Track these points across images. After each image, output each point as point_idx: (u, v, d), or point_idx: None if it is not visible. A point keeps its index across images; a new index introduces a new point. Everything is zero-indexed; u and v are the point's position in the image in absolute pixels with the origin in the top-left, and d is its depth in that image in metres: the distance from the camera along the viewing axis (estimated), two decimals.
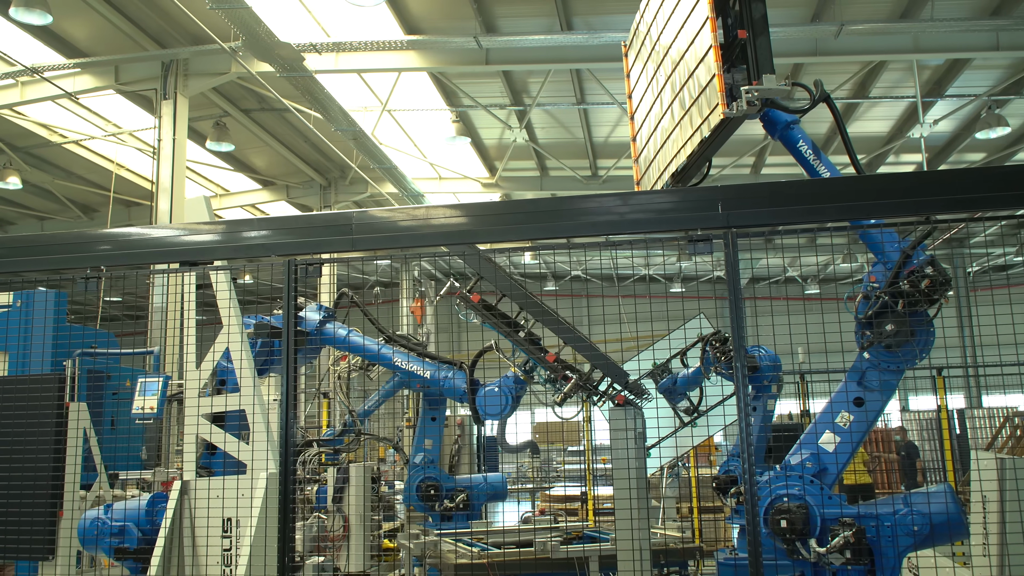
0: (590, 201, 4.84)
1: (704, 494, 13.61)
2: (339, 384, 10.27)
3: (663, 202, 4.78)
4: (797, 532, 5.33)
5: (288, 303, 4.92)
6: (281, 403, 4.84)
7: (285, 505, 4.69)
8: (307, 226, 5.11)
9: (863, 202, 4.66)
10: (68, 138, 18.68)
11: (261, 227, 5.06)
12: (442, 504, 9.28)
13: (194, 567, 5.12)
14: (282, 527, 4.65)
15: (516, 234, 4.79)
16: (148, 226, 5.79)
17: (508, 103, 18.02)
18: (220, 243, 5.02)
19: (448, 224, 4.86)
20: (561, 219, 4.73)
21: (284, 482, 4.70)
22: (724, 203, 4.59)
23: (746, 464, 4.42)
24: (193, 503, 5.26)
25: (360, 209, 5.75)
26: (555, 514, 10.95)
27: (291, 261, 4.94)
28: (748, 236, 4.79)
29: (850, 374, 5.93)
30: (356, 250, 4.82)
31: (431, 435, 9.76)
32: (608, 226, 4.74)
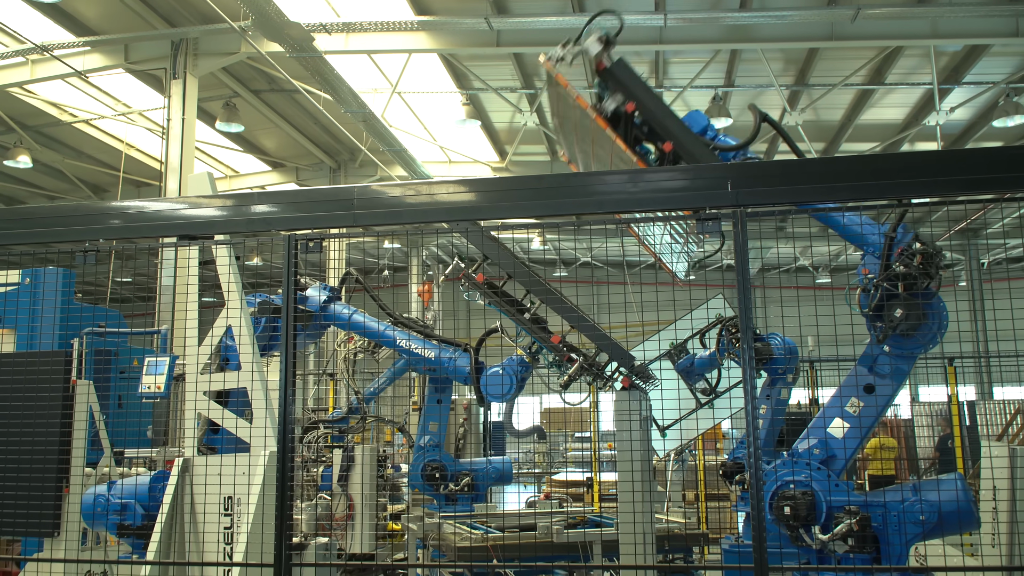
0: (597, 178, 4.75)
1: (710, 481, 13.57)
2: (345, 365, 10.25)
3: (671, 180, 4.67)
4: (801, 519, 5.27)
5: (288, 279, 4.86)
6: (280, 381, 4.79)
7: (283, 485, 4.64)
8: (308, 201, 5.03)
9: (879, 181, 4.54)
10: (78, 117, 18.66)
11: (261, 201, 4.99)
12: (447, 487, 9.27)
13: (195, 545, 5.09)
14: (280, 507, 4.60)
15: (521, 211, 4.70)
16: (146, 199, 5.73)
17: (519, 86, 17.90)
18: (218, 217, 4.96)
19: (452, 200, 4.78)
20: (567, 196, 4.64)
21: (282, 461, 4.66)
22: (734, 181, 4.49)
23: (751, 448, 4.35)
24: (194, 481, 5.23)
25: (362, 184, 5.67)
26: (560, 499, 10.91)
27: (291, 236, 4.87)
28: (759, 218, 4.68)
29: (861, 360, 5.85)
30: (358, 226, 4.74)
31: (437, 418, 9.74)
32: (615, 204, 4.65)
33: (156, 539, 5.08)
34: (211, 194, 5.25)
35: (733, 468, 8.07)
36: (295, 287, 4.87)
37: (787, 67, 17.11)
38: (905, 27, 14.18)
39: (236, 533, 4.98)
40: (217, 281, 5.38)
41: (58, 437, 8.48)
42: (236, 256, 5.32)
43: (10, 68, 15.97)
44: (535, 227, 5.30)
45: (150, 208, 5.16)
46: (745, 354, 4.32)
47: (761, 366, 7.15)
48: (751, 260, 28.83)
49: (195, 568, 5.09)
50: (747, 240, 4.39)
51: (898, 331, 5.38)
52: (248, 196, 5.13)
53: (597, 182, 4.79)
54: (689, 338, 6.94)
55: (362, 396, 10.36)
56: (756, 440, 4.31)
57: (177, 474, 5.19)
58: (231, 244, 5.26)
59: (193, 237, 5.07)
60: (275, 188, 23.56)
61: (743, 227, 4.46)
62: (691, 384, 7.12)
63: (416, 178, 19.81)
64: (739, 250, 4.42)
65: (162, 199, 7.02)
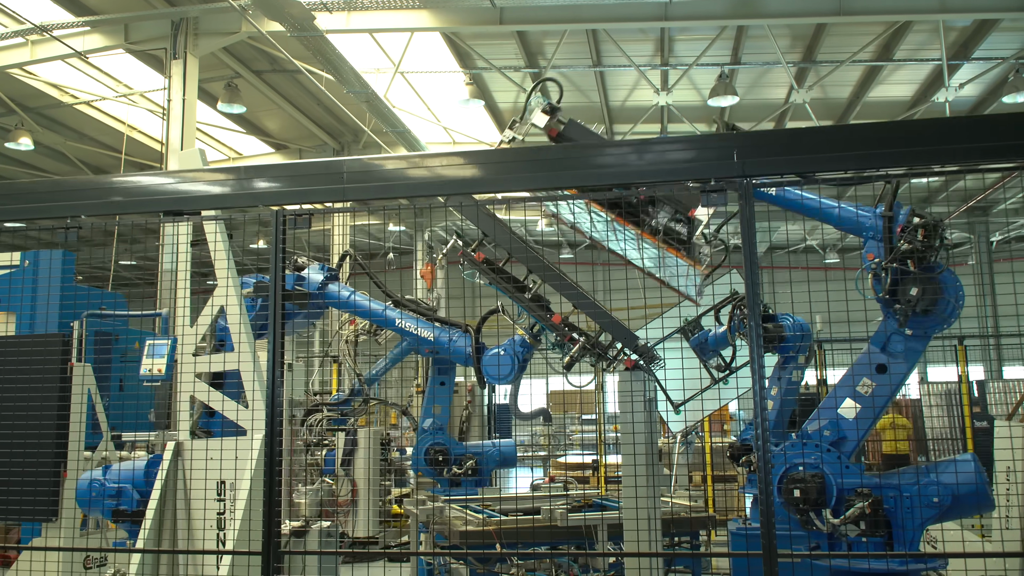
0: (599, 149, 4.58)
1: (717, 463, 13.45)
2: (347, 348, 10.13)
3: (675, 151, 4.50)
4: (811, 502, 5.13)
5: (276, 255, 4.70)
6: (268, 362, 4.65)
7: (271, 469, 4.51)
8: (297, 174, 4.86)
9: (890, 149, 4.35)
10: (79, 99, 18.51)
11: (249, 175, 4.83)
12: (450, 470, 9.16)
13: (188, 531, 4.98)
14: (268, 492, 4.48)
15: (520, 183, 4.54)
16: (130, 174, 5.56)
17: (523, 65, 17.66)
18: (204, 192, 4.81)
19: (448, 174, 4.61)
20: (568, 168, 4.48)
21: (270, 445, 4.53)
22: (740, 151, 4.31)
23: (759, 430, 4.20)
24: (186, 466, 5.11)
25: (353, 157, 5.50)
26: (566, 482, 10.81)
27: (280, 211, 4.71)
28: (765, 193, 4.49)
29: (874, 340, 5.71)
30: (348, 200, 4.59)
31: (440, 400, 9.63)
32: (617, 175, 4.48)
33: (147, 526, 4.96)
34: (196, 168, 5.09)
35: (740, 449, 7.94)
36: (284, 264, 4.72)
37: (794, 43, 16.84)
38: (914, 1, 13.92)
39: (229, 519, 4.86)
40: (209, 260, 5.24)
41: (55, 421, 8.41)
42: (229, 234, 5.17)
43: (10, 49, 15.80)
44: (535, 200, 5.07)
45: (134, 183, 5.00)
46: (752, 331, 4.17)
47: (772, 346, 7.02)
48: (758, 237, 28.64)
49: (187, 554, 4.98)
50: (754, 213, 4.22)
51: (917, 310, 5.25)
52: (235, 170, 4.96)
53: (599, 154, 4.62)
54: (702, 315, 6.78)
55: (363, 379, 10.25)
56: (764, 422, 4.16)
57: (169, 458, 5.06)
58: (218, 220, 5.09)
59: (179, 213, 4.92)
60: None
61: (750, 199, 4.28)
62: (705, 360, 6.97)
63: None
64: (745, 223, 4.25)
65: (146, 173, 6.85)
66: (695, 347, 6.98)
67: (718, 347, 6.95)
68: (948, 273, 5.43)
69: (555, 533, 7.02)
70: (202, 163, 5.39)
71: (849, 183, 4.83)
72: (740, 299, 6.92)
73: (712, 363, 6.96)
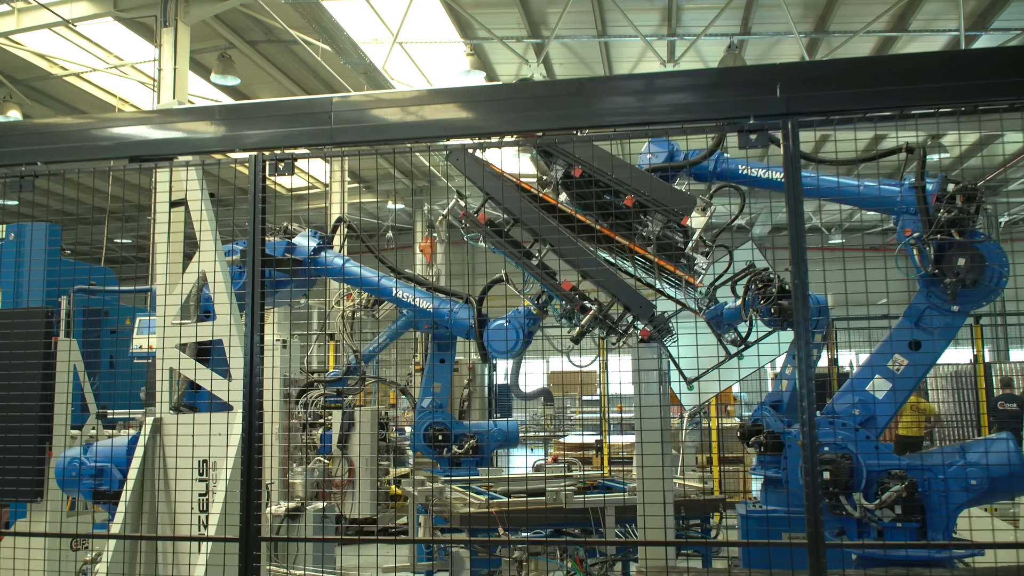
0: (618, 83, 4.14)
1: (724, 444, 13.13)
2: (343, 323, 9.76)
3: (707, 84, 4.05)
4: (842, 485, 4.76)
5: (254, 206, 4.29)
6: (246, 330, 4.26)
7: (249, 450, 4.12)
8: (278, 115, 4.43)
9: (964, 82, 3.87)
10: (69, 70, 18.03)
11: (223, 116, 4.40)
12: (450, 450, 8.83)
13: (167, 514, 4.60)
14: (247, 474, 4.08)
15: (527, 123, 4.12)
16: (91, 116, 5.12)
17: (525, 35, 17.18)
18: (174, 136, 4.37)
19: (450, 112, 4.17)
20: (582, 105, 4.05)
21: (248, 422, 4.14)
22: (783, 85, 3.86)
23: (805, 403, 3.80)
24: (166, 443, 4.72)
25: (340, 95, 5.05)
26: (569, 462, 10.47)
27: (258, 157, 4.29)
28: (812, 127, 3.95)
29: (907, 315, 5.34)
30: (335, 144, 4.17)
31: (440, 378, 9.28)
32: (640, 112, 4.04)
33: (123, 508, 4.58)
34: (164, 109, 4.67)
35: (751, 430, 7.61)
36: (263, 216, 4.30)
37: (806, 13, 16.34)
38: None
39: (212, 500, 4.48)
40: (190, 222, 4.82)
41: (39, 398, 8.08)
42: (211, 193, 4.76)
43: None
44: (543, 145, 4.56)
45: (95, 126, 4.57)
46: (797, 290, 3.74)
47: (789, 324, 6.70)
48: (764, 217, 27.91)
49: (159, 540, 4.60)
50: (799, 158, 3.78)
51: (966, 283, 4.90)
52: (208, 110, 4.55)
53: (618, 88, 4.17)
54: (717, 286, 6.39)
55: (360, 356, 9.88)
56: (810, 393, 3.75)
57: (148, 435, 4.67)
58: (188, 167, 4.62)
59: (146, 159, 4.49)
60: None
61: (795, 140, 3.84)
62: (720, 335, 6.58)
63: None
64: (790, 168, 3.81)
65: (109, 116, 6.40)
66: (710, 321, 6.61)
67: (733, 321, 6.58)
68: (990, 242, 5.08)
69: (562, 515, 6.69)
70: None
71: (904, 118, 4.27)
72: (756, 272, 6.53)
73: (727, 338, 6.58)
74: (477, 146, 4.45)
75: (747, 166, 5.70)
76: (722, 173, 5.58)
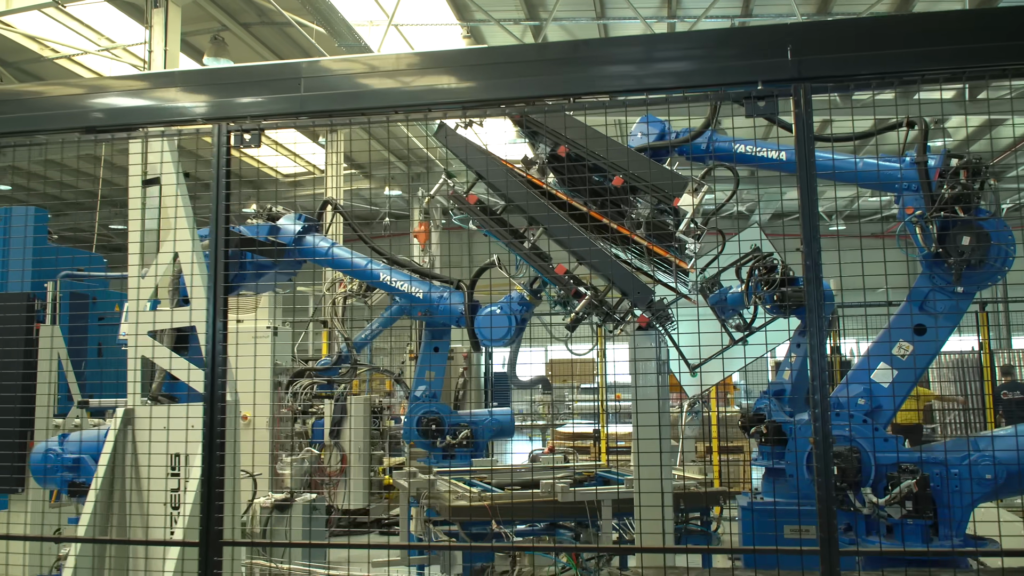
0: (613, 46, 3.84)
1: (723, 433, 12.92)
2: (334, 310, 9.54)
3: (710, 47, 3.77)
4: (849, 480, 4.53)
5: (218, 181, 4.02)
6: (207, 313, 4.01)
7: (211, 445, 3.87)
8: (244, 82, 4.15)
9: (993, 43, 3.57)
10: (59, 52, 17.72)
11: (185, 83, 4.12)
12: (444, 440, 8.61)
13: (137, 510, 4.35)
14: (207, 473, 3.84)
15: (516, 89, 3.83)
16: (38, 84, 4.84)
17: (523, 18, 16.88)
18: (131, 105, 4.10)
19: (427, 80, 3.89)
20: (577, 70, 3.76)
21: (210, 413, 3.89)
22: (795, 47, 3.57)
23: (818, 396, 3.55)
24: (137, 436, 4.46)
25: (311, 59, 4.76)
26: (565, 453, 10.24)
27: (222, 127, 4.01)
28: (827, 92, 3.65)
29: (911, 298, 5.10)
30: (306, 113, 3.91)
31: (434, 367, 9.05)
32: (635, 79, 3.76)
33: (89, 509, 4.33)
34: (120, 76, 4.38)
35: (753, 420, 7.39)
36: (228, 191, 4.03)
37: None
38: None
39: (184, 497, 4.24)
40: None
41: (20, 387, 7.89)
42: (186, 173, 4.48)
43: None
44: (534, 112, 4.22)
45: (44, 94, 4.29)
46: (810, 271, 3.48)
47: (792, 311, 6.46)
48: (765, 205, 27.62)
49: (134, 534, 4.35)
50: (812, 126, 3.51)
51: (972, 262, 4.65)
52: (168, 76, 4.27)
53: (615, 53, 3.87)
54: (721, 271, 6.16)
55: (352, 343, 9.66)
56: (823, 386, 3.50)
57: (117, 428, 4.42)
58: (149, 139, 4.34)
59: (102, 130, 4.21)
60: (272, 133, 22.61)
61: (807, 107, 3.56)
62: (724, 320, 6.35)
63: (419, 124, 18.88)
64: (802, 137, 3.53)
65: (59, 82, 6.08)
66: (713, 305, 6.36)
67: (738, 307, 6.33)
68: (995, 220, 4.84)
69: (556, 509, 6.46)
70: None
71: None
72: (761, 257, 6.30)
73: (732, 323, 6.34)
74: (461, 116, 4.15)
75: (743, 144, 5.45)
76: (716, 152, 5.33)
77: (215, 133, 4.00)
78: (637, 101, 3.74)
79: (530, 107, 4.07)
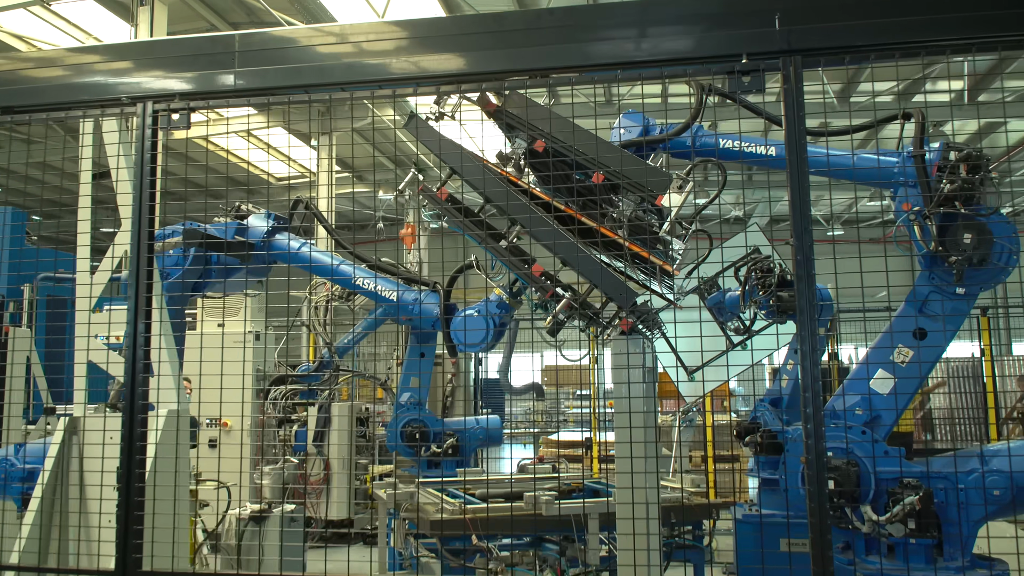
0: (578, 15, 3.50)
1: (718, 441, 12.62)
2: (315, 314, 9.25)
3: (686, 16, 3.43)
4: (848, 495, 4.23)
5: (141, 167, 3.70)
6: (128, 315, 3.70)
7: (129, 461, 3.55)
8: (169, 55, 3.81)
9: (1012, 9, 3.25)
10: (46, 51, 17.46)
11: (106, 57, 3.79)
12: (428, 449, 8.30)
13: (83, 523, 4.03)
14: (125, 494, 3.51)
15: (478, 63, 3.51)
16: None
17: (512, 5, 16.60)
18: (42, 82, 3.76)
19: (385, 54, 3.53)
20: (538, 40, 3.45)
21: (129, 426, 3.57)
22: (783, 15, 3.26)
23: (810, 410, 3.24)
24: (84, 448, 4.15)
25: (246, 31, 4.44)
26: (555, 462, 9.94)
27: (146, 106, 3.69)
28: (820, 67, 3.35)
29: (910, 299, 4.82)
30: (241, 91, 3.59)
31: (420, 373, 8.75)
32: (609, 53, 3.41)
33: (29, 520, 4.02)
34: (37, 53, 4.03)
35: (749, 429, 7.12)
36: (153, 178, 3.71)
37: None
38: None
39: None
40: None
41: None
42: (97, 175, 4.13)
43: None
44: (497, 88, 3.84)
45: None
46: (801, 266, 3.16)
47: (788, 317, 6.20)
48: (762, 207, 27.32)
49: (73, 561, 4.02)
50: (803, 104, 3.19)
51: (974, 261, 4.37)
52: (80, 50, 3.96)
53: (580, 21, 3.51)
54: (719, 273, 5.89)
55: (334, 349, 9.37)
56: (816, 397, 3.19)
57: (60, 439, 4.09)
58: (69, 119, 3.97)
59: (19, 111, 3.88)
60: (261, 132, 22.37)
61: (798, 83, 3.24)
62: (722, 322, 6.09)
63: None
64: (792, 116, 3.22)
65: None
66: (712, 308, 6.11)
67: (736, 309, 6.07)
68: (998, 215, 4.56)
69: (539, 522, 6.15)
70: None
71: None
72: (759, 260, 6.02)
73: (731, 326, 6.08)
74: (413, 93, 3.80)
75: (731, 140, 5.16)
76: (702, 148, 5.04)
77: (139, 113, 3.67)
78: (608, 77, 3.42)
79: (489, 84, 3.74)
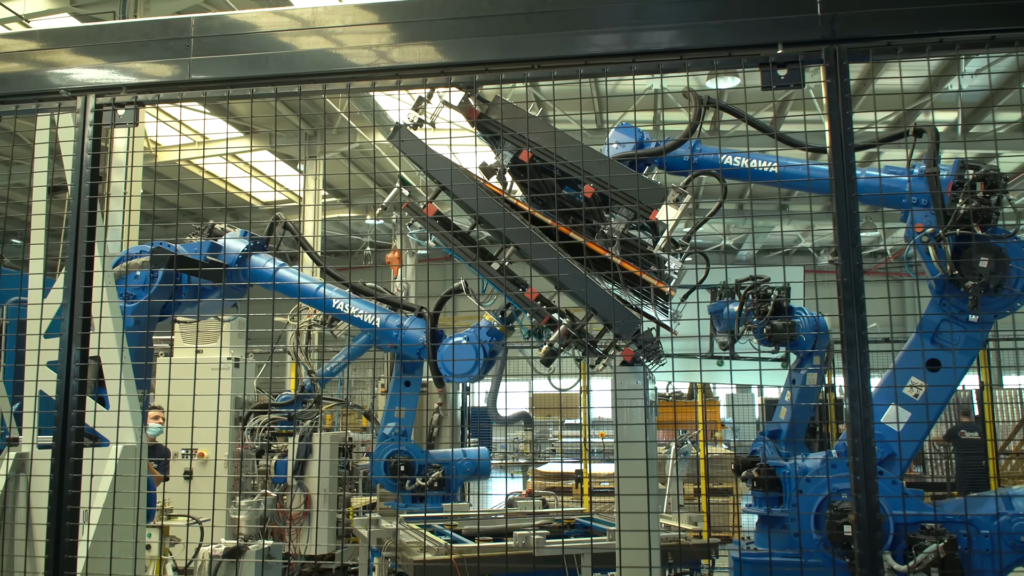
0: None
1: (712, 475, 12.30)
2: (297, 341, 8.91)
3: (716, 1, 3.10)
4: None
5: (80, 172, 3.36)
6: (62, 337, 3.37)
7: (60, 499, 3.21)
8: (116, 42, 3.47)
9: None
10: None
11: (36, 43, 3.41)
12: (412, 483, 7.94)
13: (28, 573, 3.66)
14: (55, 531, 3.17)
15: (465, 52, 3.20)
16: None
17: None
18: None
19: (356, 40, 3.20)
20: (539, 25, 3.13)
21: (60, 459, 3.23)
22: (826, 1, 2.93)
23: (860, 467, 2.92)
24: (33, 485, 3.78)
25: (204, 14, 4.13)
26: (544, 496, 9.58)
27: (88, 100, 3.34)
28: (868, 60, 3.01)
29: (921, 328, 4.56)
30: (195, 83, 3.26)
31: (405, 403, 8.42)
32: (622, 40, 3.10)
33: None
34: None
35: (746, 462, 6.84)
36: (90, 182, 3.36)
37: None
38: None
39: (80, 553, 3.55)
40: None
41: None
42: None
43: None
44: (490, 82, 3.50)
45: None
46: (848, 292, 2.81)
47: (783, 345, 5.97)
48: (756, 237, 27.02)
49: None
50: (850, 100, 2.85)
51: (991, 286, 4.11)
52: (27, 35, 3.64)
53: (592, 6, 3.19)
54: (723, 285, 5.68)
55: (315, 376, 9.02)
56: (868, 449, 2.86)
57: (5, 474, 3.73)
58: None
59: None
60: (245, 155, 22.06)
61: (843, 74, 2.90)
62: (715, 331, 5.89)
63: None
64: (836, 110, 2.86)
65: None
66: (713, 313, 5.90)
67: (731, 325, 5.85)
68: (1015, 239, 4.32)
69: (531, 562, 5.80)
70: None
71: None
72: (757, 283, 5.78)
73: (720, 338, 5.88)
74: (396, 87, 3.44)
75: (732, 155, 4.89)
76: (701, 163, 4.78)
77: (79, 108, 3.33)
78: (622, 69, 3.10)
79: (483, 76, 3.42)
